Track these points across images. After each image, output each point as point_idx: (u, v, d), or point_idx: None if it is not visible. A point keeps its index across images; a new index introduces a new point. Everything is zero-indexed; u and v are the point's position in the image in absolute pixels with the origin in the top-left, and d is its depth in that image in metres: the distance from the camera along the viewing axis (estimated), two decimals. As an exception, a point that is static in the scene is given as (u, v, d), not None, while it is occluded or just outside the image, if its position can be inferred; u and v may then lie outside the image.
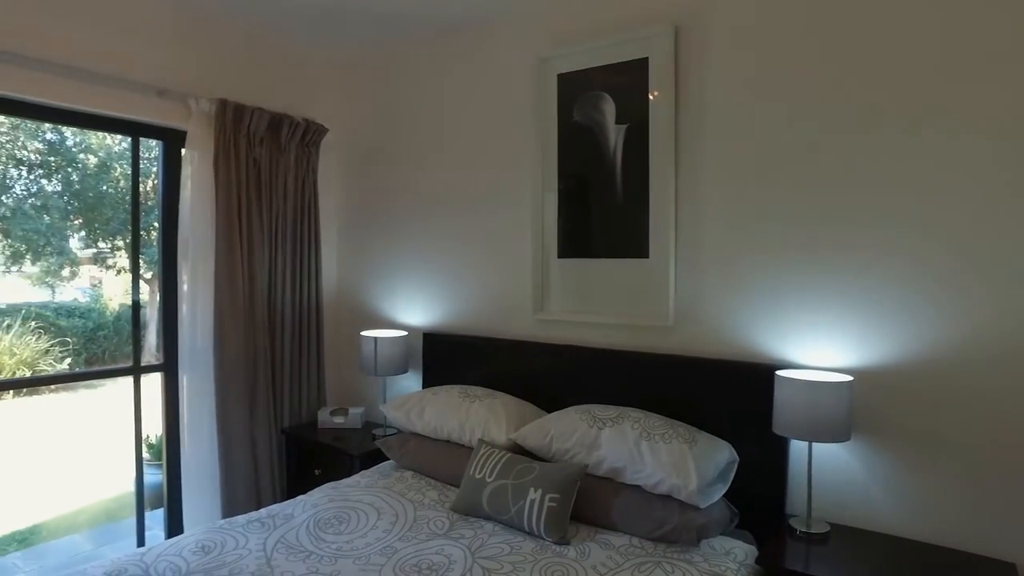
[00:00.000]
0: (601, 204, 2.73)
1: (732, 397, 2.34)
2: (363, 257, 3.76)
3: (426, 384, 3.29)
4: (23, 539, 4.38)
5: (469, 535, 2.12)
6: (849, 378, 2.04)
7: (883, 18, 2.09)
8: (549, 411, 2.64)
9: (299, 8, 2.99)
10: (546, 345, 2.86)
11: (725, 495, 2.16)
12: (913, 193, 2.05)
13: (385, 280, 3.63)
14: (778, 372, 2.13)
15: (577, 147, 2.80)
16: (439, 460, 2.64)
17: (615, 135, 2.68)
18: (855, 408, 2.09)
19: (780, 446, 2.24)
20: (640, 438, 2.18)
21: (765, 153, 2.33)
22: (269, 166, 3.29)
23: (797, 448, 2.24)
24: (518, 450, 2.46)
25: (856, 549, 2.00)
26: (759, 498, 2.26)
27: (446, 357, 3.23)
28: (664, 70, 2.52)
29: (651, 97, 2.56)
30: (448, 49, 3.30)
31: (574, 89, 2.79)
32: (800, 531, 2.09)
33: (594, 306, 2.76)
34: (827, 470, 2.20)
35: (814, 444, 2.11)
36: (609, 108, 2.69)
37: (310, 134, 3.45)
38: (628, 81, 2.62)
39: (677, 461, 2.06)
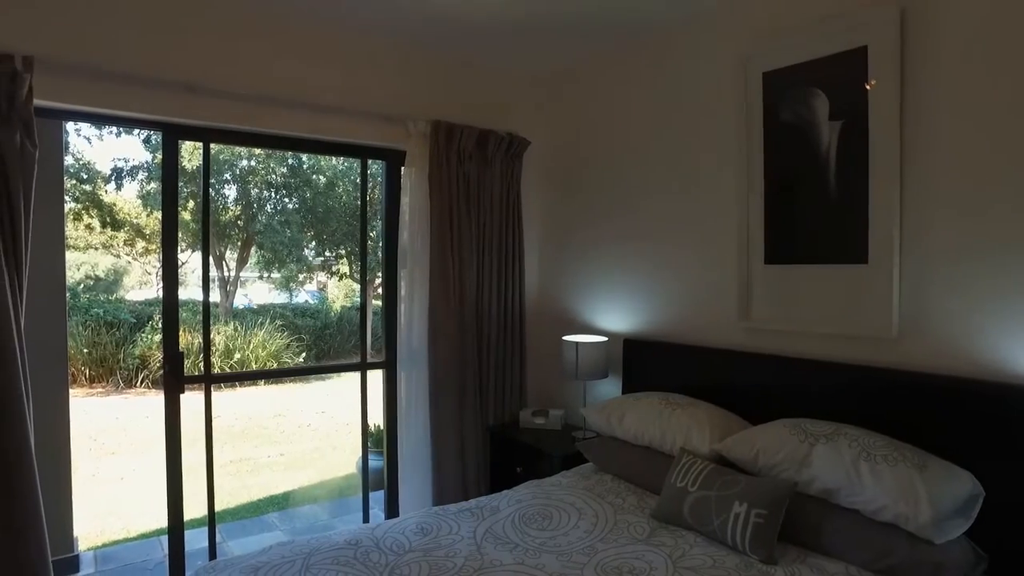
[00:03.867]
0: (812, 207, 2.56)
1: (973, 421, 2.03)
2: (564, 263, 3.87)
3: (626, 390, 3.30)
4: (278, 502, 5.17)
5: (670, 543, 2.11)
6: None
7: None
8: (754, 423, 2.53)
9: (496, 27, 3.16)
10: (752, 355, 2.74)
11: (967, 534, 1.89)
12: None
13: (585, 285, 3.71)
14: (1035, 395, 1.84)
15: (785, 147, 2.66)
16: (639, 466, 2.65)
17: (828, 133, 2.50)
18: None
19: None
20: (859, 458, 2.00)
21: (1014, 143, 2.02)
22: (477, 179, 3.54)
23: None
24: (721, 461, 2.38)
25: None
26: (1016, 544, 1.91)
27: (646, 363, 3.22)
28: (887, 58, 2.29)
29: (868, 87, 2.35)
30: (645, 53, 3.30)
31: (781, 86, 2.65)
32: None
33: (804, 314, 2.60)
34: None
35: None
36: (821, 104, 2.52)
37: (513, 147, 3.64)
38: (843, 73, 2.43)
39: (904, 487, 1.85)
